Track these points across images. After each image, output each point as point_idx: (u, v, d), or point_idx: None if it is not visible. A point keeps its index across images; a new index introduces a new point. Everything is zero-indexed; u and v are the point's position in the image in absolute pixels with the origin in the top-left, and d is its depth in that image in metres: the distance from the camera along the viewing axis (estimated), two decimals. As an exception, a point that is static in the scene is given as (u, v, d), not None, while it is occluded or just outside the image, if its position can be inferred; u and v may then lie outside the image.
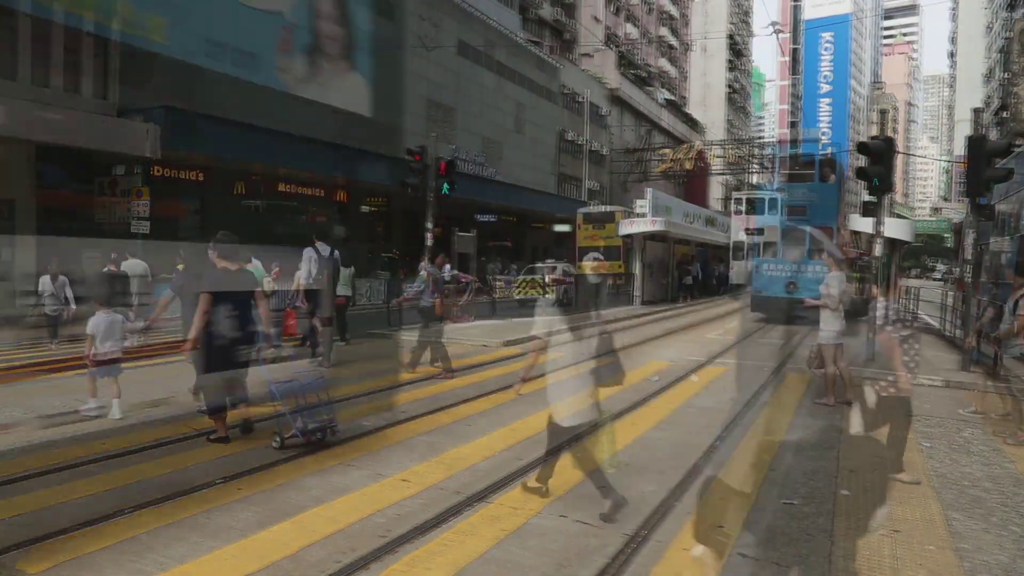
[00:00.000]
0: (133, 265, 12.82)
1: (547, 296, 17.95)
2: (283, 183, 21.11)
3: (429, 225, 17.52)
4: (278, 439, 5.78)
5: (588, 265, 25.14)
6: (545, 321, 4.70)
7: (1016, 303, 6.57)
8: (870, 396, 8.20)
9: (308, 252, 10.50)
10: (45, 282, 11.66)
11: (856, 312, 18.69)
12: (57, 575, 3.56)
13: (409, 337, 11.56)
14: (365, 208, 25.61)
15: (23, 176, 15.95)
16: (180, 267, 10.21)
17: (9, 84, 14.50)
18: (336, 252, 10.71)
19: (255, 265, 9.71)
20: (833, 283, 7.95)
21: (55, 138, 14.66)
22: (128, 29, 14.34)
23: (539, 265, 24.15)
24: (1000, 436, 6.66)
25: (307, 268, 10.41)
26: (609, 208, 28.91)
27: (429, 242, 17.02)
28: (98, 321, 6.82)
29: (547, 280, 21.65)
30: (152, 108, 16.34)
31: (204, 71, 19.16)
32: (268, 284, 11.11)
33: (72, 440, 5.94)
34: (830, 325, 7.94)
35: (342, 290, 11.45)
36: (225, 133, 17.99)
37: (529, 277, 22.80)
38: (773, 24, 38.14)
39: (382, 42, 25.50)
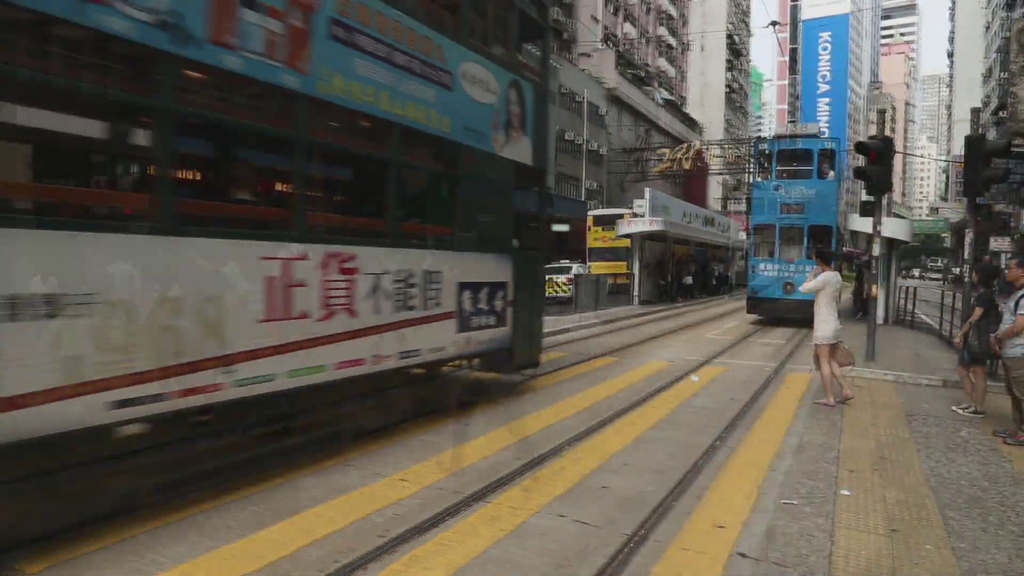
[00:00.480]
0: None
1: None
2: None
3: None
4: None
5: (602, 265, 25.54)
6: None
7: (1017, 303, 6.57)
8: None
9: None
10: None
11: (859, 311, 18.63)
12: (56, 575, 3.56)
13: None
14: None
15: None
16: None
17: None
18: None
19: None
20: (830, 281, 8.01)
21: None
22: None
23: (552, 265, 24.42)
24: (1000, 436, 6.67)
25: None
26: (619, 210, 29.25)
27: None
28: None
29: (563, 280, 22.08)
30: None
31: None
32: None
33: (70, 439, 5.91)
34: (824, 325, 7.97)
35: None
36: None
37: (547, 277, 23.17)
38: (772, 24, 38.08)
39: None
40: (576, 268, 23.54)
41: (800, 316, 16.33)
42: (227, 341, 4.47)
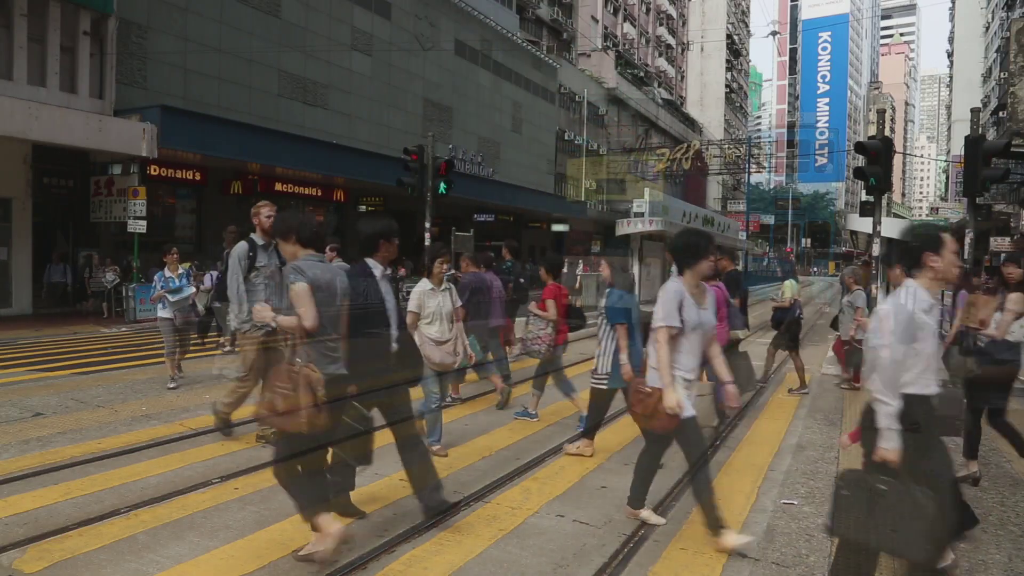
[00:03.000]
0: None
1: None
2: (280, 183, 21.09)
3: (428, 224, 17.52)
4: None
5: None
6: None
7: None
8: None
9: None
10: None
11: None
12: (54, 575, 3.55)
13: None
14: (362, 207, 25.58)
15: (19, 175, 15.93)
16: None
17: (6, 83, 14.46)
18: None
19: None
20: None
21: (52, 137, 14.63)
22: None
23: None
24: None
25: None
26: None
27: (428, 241, 17.03)
28: None
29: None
30: (149, 107, 16.32)
31: (201, 71, 19.16)
32: None
33: (69, 439, 5.92)
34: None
35: None
36: (222, 133, 17.96)
37: None
38: (772, 34, 38.07)
39: (379, 41, 25.49)
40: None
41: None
42: None
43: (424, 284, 5.74)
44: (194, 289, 8.98)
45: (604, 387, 5.54)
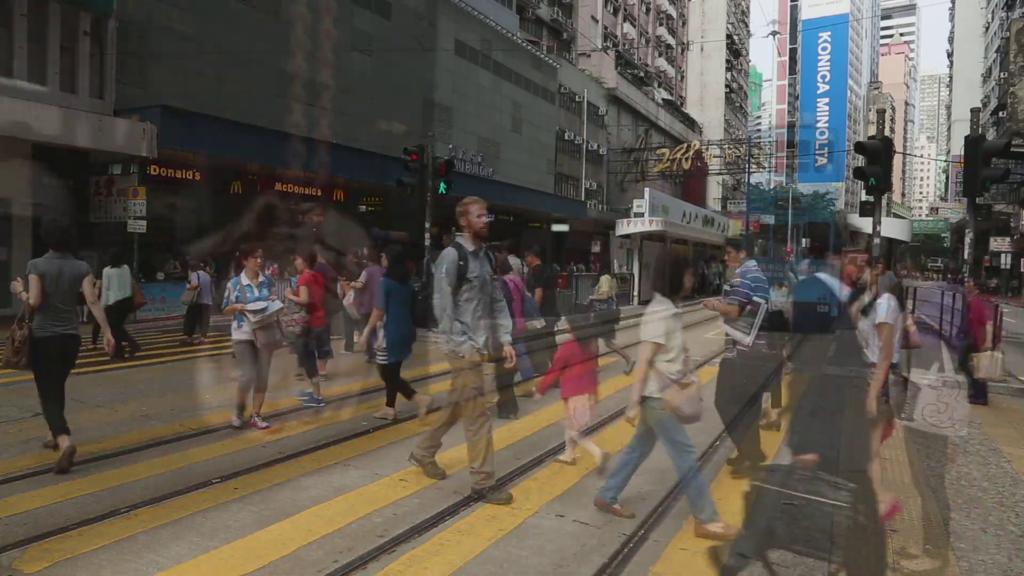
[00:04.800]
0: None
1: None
2: (280, 183, 21.09)
3: (428, 224, 17.50)
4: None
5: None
6: None
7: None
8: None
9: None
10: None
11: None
12: (54, 574, 3.55)
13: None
14: (362, 208, 25.58)
15: (20, 175, 15.91)
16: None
17: (6, 83, 14.46)
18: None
19: None
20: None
21: (51, 137, 14.63)
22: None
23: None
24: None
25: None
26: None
27: (428, 242, 17.02)
28: None
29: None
30: (149, 107, 16.31)
31: (201, 71, 19.15)
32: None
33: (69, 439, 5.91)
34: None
35: None
36: (221, 133, 17.95)
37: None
38: (772, 34, 38.12)
39: (379, 41, 25.48)
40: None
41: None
42: None
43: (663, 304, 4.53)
44: (280, 304, 6.85)
45: (386, 362, 6.86)
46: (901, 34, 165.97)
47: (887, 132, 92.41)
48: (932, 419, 3.64)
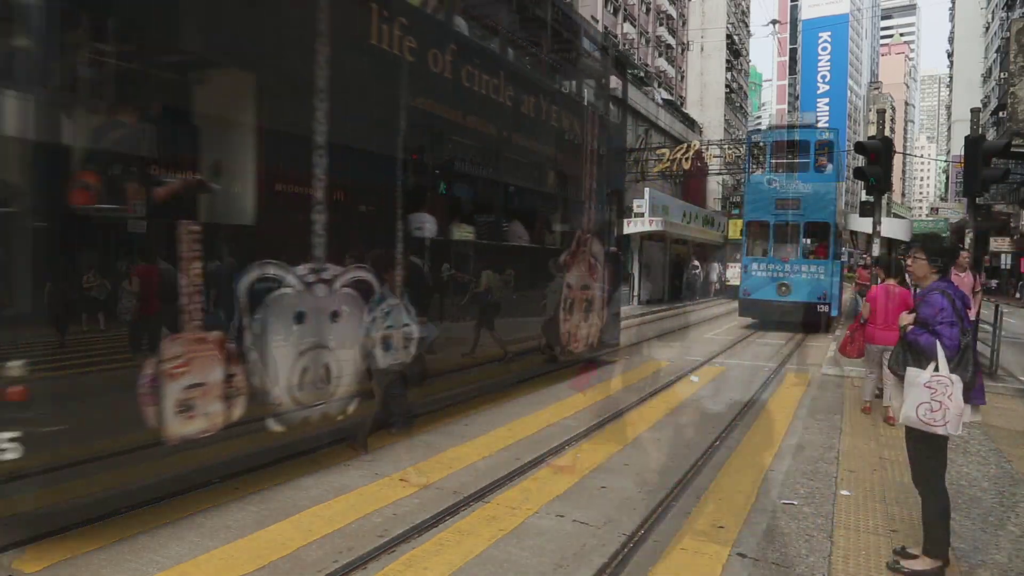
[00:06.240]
0: None
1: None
2: (280, 183, 21.05)
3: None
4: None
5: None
6: None
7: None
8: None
9: None
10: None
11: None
12: (54, 574, 3.55)
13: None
14: (362, 208, 25.57)
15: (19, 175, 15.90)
16: None
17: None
18: None
19: None
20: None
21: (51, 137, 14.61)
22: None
23: None
24: None
25: None
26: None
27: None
28: None
29: None
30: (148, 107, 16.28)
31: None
32: None
33: (68, 439, 5.90)
34: None
35: None
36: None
37: None
38: (772, 22, 38.12)
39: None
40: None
41: (795, 319, 16.23)
42: None
43: None
44: None
45: None
46: (901, 34, 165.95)
47: (887, 132, 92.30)
48: (926, 418, 3.64)
